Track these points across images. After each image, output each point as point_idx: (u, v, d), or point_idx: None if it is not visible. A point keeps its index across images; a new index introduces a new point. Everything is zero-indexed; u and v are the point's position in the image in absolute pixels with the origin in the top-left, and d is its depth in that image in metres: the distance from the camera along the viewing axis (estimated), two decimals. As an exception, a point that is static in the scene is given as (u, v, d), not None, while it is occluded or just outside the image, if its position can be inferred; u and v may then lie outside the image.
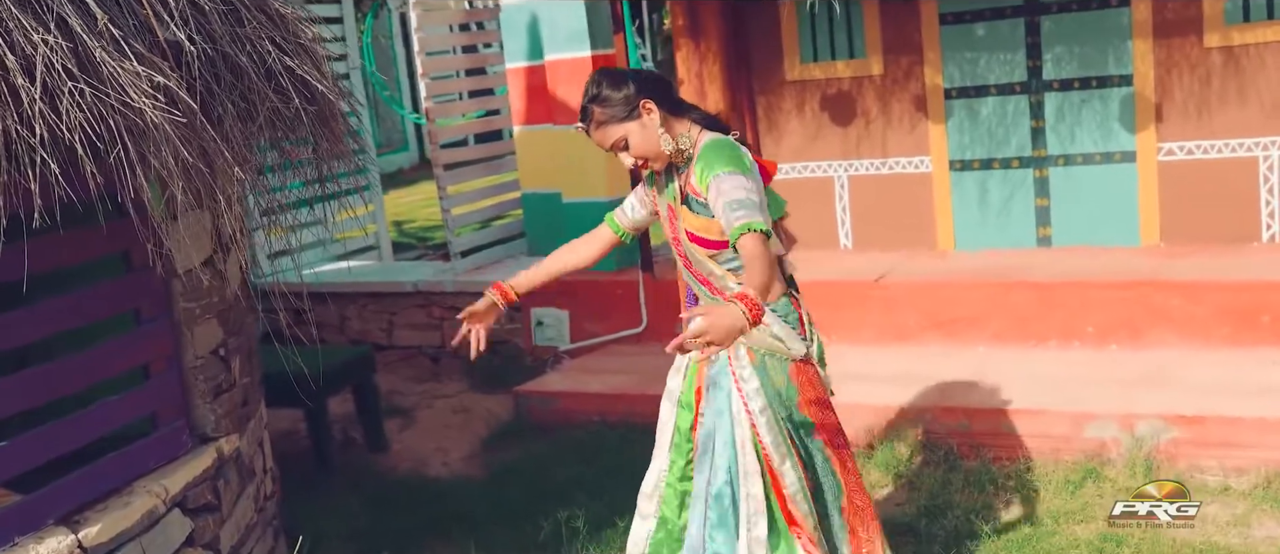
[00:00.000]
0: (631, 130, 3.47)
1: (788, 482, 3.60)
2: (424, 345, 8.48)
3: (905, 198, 7.49)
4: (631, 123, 3.47)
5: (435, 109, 8.30)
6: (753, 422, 3.59)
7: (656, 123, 3.49)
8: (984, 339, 6.53)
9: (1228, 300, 6.01)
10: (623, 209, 3.93)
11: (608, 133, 3.49)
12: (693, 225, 3.55)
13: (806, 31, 7.57)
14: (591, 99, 3.50)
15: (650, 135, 3.49)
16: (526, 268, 4.11)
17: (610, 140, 3.49)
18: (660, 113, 3.50)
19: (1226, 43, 6.55)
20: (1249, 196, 6.64)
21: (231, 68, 3.73)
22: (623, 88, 3.50)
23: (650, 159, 3.53)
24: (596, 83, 3.52)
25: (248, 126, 3.72)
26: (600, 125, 3.49)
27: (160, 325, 3.95)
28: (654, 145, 3.50)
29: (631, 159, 3.52)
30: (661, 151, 3.52)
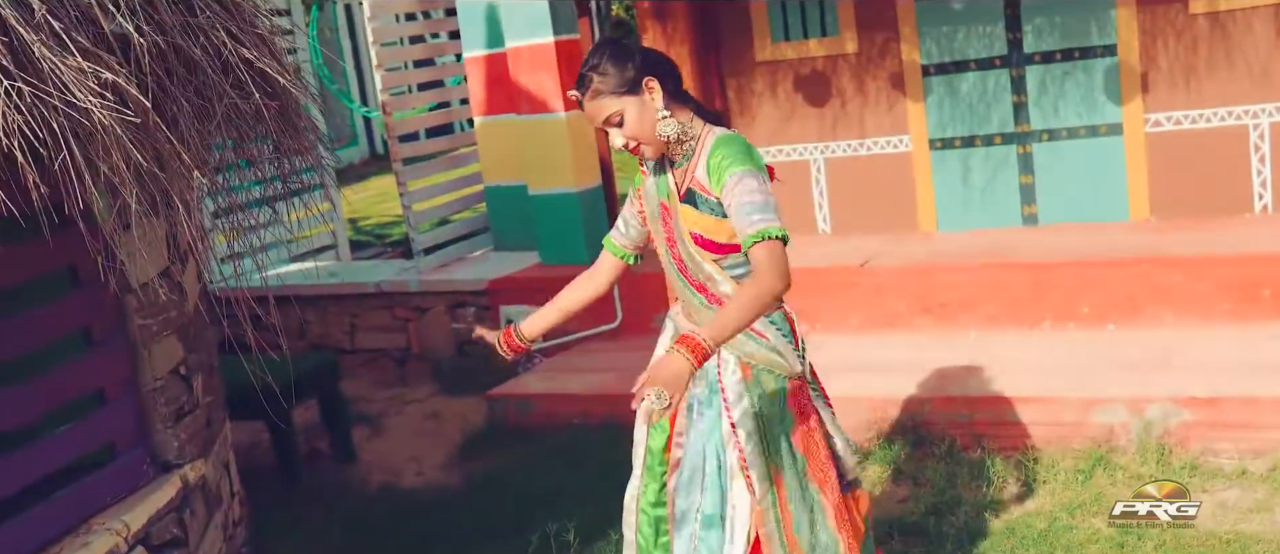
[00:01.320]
0: (629, 106, 3.18)
1: (767, 519, 3.31)
2: (389, 348, 8.15)
3: (885, 179, 7.25)
4: (630, 98, 3.18)
5: (392, 102, 7.95)
6: (739, 446, 3.30)
7: (658, 104, 3.21)
8: (976, 323, 6.30)
9: (1227, 274, 5.82)
10: (617, 229, 3.60)
11: (603, 105, 3.18)
12: (698, 225, 3.26)
13: (777, 10, 7.30)
14: (592, 67, 3.19)
15: (649, 116, 3.20)
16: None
17: (604, 114, 3.18)
18: (663, 95, 3.21)
19: (1212, 8, 6.35)
20: (1239, 166, 6.46)
21: (185, 61, 3.40)
22: (627, 60, 3.21)
23: (643, 141, 3.22)
24: (599, 51, 3.23)
25: (205, 125, 3.40)
26: (597, 95, 3.17)
27: (114, 346, 3.62)
28: (650, 127, 3.21)
29: (623, 138, 3.21)
30: (657, 136, 3.23)
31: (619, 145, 3.23)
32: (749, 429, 3.27)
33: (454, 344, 7.82)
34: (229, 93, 3.49)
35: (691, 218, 3.27)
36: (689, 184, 3.27)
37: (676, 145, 3.26)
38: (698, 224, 3.25)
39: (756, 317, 3.02)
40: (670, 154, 3.30)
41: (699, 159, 3.25)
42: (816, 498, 3.36)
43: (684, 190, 3.29)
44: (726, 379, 3.31)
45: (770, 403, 3.30)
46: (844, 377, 5.30)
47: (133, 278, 3.62)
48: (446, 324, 7.85)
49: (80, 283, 3.51)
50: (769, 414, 3.30)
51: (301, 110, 3.85)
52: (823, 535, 3.35)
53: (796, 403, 3.34)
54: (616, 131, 3.21)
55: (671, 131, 3.21)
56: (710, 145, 3.23)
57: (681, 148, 3.27)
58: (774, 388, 3.30)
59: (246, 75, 3.54)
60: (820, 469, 3.38)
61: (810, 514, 3.35)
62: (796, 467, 3.33)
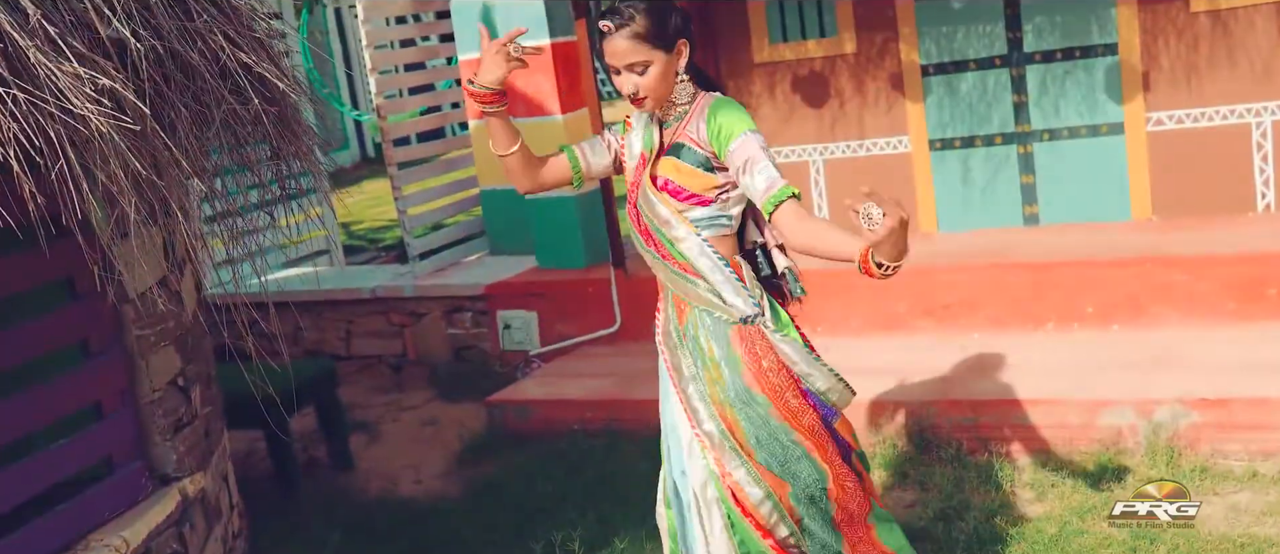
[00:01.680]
0: (657, 60, 3.17)
1: (738, 478, 3.28)
2: (384, 354, 8.07)
3: (884, 180, 7.17)
4: (660, 53, 3.17)
5: (386, 105, 7.88)
6: (682, 400, 3.33)
7: (681, 66, 3.22)
8: (979, 324, 6.25)
9: (1231, 274, 5.78)
10: (583, 146, 3.56)
11: (636, 49, 3.14)
12: (673, 174, 3.27)
13: (774, 11, 7.24)
14: (635, 8, 3.15)
15: (670, 75, 3.22)
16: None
17: (630, 58, 3.15)
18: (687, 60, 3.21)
19: (1214, 6, 6.31)
20: (1242, 165, 6.42)
21: (182, 67, 3.33)
22: (669, 14, 3.20)
23: (652, 97, 3.23)
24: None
25: (203, 131, 3.33)
26: (634, 37, 3.13)
27: (112, 357, 3.55)
28: (668, 87, 3.24)
29: (636, 88, 3.20)
30: (666, 96, 3.26)
31: (629, 92, 3.22)
32: (689, 379, 3.29)
33: (451, 350, 7.75)
34: (227, 98, 3.42)
35: (668, 167, 3.29)
36: (677, 138, 3.29)
37: (671, 106, 3.28)
38: (673, 173, 3.27)
39: (825, 239, 3.05)
40: (662, 113, 3.31)
41: (694, 119, 3.27)
42: (787, 437, 3.31)
43: (669, 144, 3.30)
44: (661, 323, 3.39)
45: (708, 341, 3.26)
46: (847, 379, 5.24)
47: (130, 288, 3.54)
48: (443, 330, 7.78)
49: (77, 294, 3.44)
50: (709, 355, 3.27)
51: (300, 115, 3.79)
52: (803, 471, 3.30)
53: (744, 344, 3.27)
54: (634, 78, 3.18)
55: (684, 96, 3.24)
56: (707, 106, 3.25)
57: (675, 110, 3.30)
58: (713, 329, 3.28)
59: (245, 80, 3.48)
60: (785, 407, 3.31)
61: (783, 451, 3.30)
62: (755, 409, 3.29)
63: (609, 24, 3.15)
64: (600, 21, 3.19)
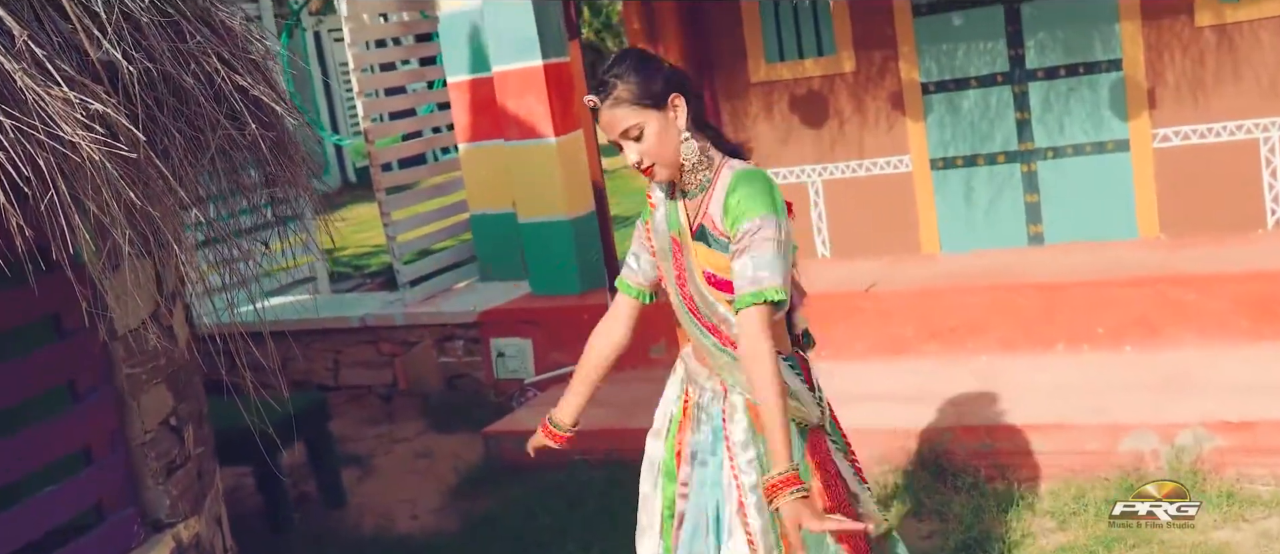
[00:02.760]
0: (651, 121, 2.95)
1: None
2: (374, 384, 7.88)
3: (885, 200, 7.06)
4: (653, 113, 2.95)
5: (374, 129, 7.70)
6: (740, 499, 3.06)
7: (681, 124, 2.99)
8: (988, 347, 6.11)
9: (1245, 292, 5.65)
10: (628, 267, 3.34)
11: (623, 115, 2.94)
12: (711, 263, 3.04)
13: (771, 29, 7.11)
14: (615, 73, 2.96)
15: (670, 137, 2.98)
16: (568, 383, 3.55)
17: (624, 125, 2.95)
18: (687, 116, 3.01)
19: (1219, 21, 6.20)
20: (1251, 181, 6.31)
21: (175, 90, 3.17)
22: (656, 72, 2.99)
23: (660, 162, 2.99)
24: (624, 59, 3.01)
25: (197, 158, 3.16)
26: (619, 103, 2.94)
27: (101, 398, 3.35)
28: (671, 149, 2.99)
29: (638, 155, 2.98)
30: (677, 159, 3.01)
31: (633, 162, 3.01)
32: (754, 481, 3.02)
33: (443, 379, 7.56)
34: (223, 123, 3.26)
35: (704, 255, 3.05)
36: (701, 219, 3.05)
37: (691, 174, 3.05)
38: (710, 262, 3.04)
39: (780, 382, 2.85)
40: (682, 183, 3.09)
41: (713, 193, 3.03)
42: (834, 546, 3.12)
43: (696, 225, 3.07)
44: (732, 426, 3.09)
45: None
46: (855, 406, 5.05)
47: (120, 323, 3.36)
48: (434, 358, 7.60)
49: (63, 331, 3.25)
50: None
51: (296, 140, 3.62)
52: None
53: (814, 454, 3.10)
54: (633, 146, 2.99)
55: (692, 155, 3.01)
56: (728, 181, 3.01)
57: (696, 177, 3.06)
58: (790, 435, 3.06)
59: (241, 104, 3.31)
60: (854, 543, 3.11)
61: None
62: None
63: (593, 98, 2.97)
64: (585, 99, 3.02)
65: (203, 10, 3.36)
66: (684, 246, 3.09)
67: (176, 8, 3.25)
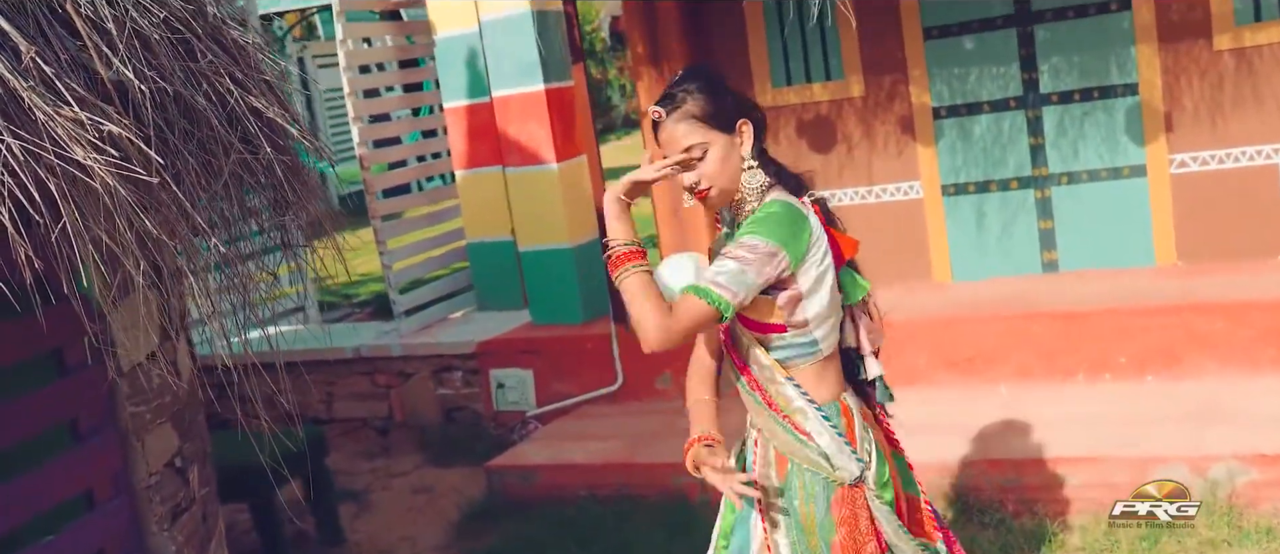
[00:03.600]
0: (717, 142, 2.79)
1: None
2: (370, 417, 7.67)
3: (895, 227, 6.92)
4: (720, 134, 2.79)
5: (369, 155, 7.53)
6: (768, 547, 2.93)
7: (746, 151, 2.84)
8: (1005, 376, 5.95)
9: (1271, 321, 5.52)
10: None
11: (691, 131, 2.78)
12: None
13: (778, 53, 6.98)
14: (686, 87, 2.80)
15: (733, 162, 2.82)
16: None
17: (687, 142, 2.78)
18: (753, 145, 2.85)
19: (1238, 44, 6.09)
20: (1270, 207, 6.18)
21: (186, 112, 2.99)
22: (726, 92, 2.85)
23: (717, 188, 2.82)
24: (695, 74, 2.85)
25: (211, 183, 2.98)
26: (686, 118, 2.78)
27: (104, 439, 3.15)
28: (732, 175, 2.83)
29: (696, 177, 2.81)
30: (735, 186, 2.85)
31: (690, 183, 2.83)
32: (782, 531, 2.89)
33: (441, 411, 7.37)
34: (237, 146, 3.08)
35: None
36: None
37: (745, 206, 2.88)
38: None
39: (633, 312, 2.71)
40: (737, 213, 2.92)
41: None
42: None
43: None
44: (764, 472, 2.94)
45: (809, 504, 2.89)
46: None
47: (124, 360, 3.16)
48: (432, 390, 7.40)
49: (66, 368, 3.05)
50: (807, 518, 2.89)
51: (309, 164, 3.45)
52: None
53: (843, 509, 2.89)
54: (694, 168, 2.82)
55: (754, 186, 2.84)
56: (758, 212, 2.84)
57: (747, 210, 2.88)
58: (814, 490, 2.88)
59: (255, 127, 3.13)
60: None
61: None
62: None
63: (660, 110, 2.80)
64: (651, 109, 2.85)
65: (214, 28, 3.19)
66: None
67: (187, 25, 3.07)
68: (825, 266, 2.87)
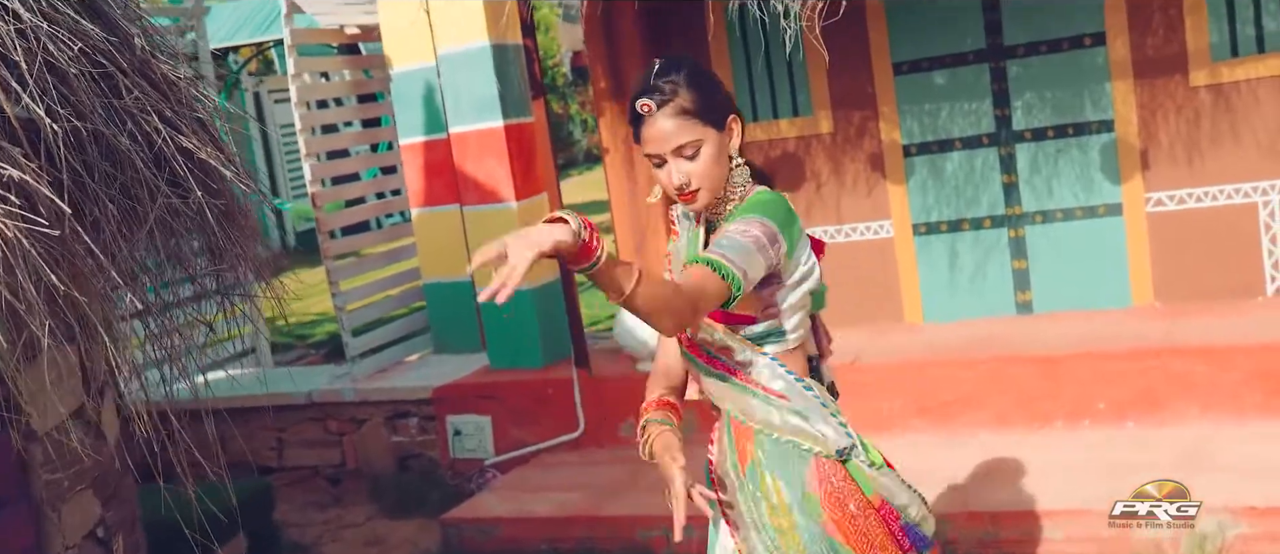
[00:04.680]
0: (710, 140, 2.59)
1: None
2: (321, 465, 7.37)
3: (865, 267, 6.72)
4: (712, 132, 2.60)
5: (322, 194, 7.26)
6: (741, 548, 2.75)
7: (736, 146, 2.66)
8: (981, 423, 5.75)
9: (1255, 364, 5.35)
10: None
11: (683, 128, 2.56)
12: None
13: (743, 89, 6.78)
14: (674, 80, 2.59)
15: (723, 160, 2.64)
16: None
17: (679, 140, 2.56)
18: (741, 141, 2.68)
19: (1215, 80, 5.95)
20: (1249, 246, 6.03)
21: (108, 153, 2.74)
22: (716, 87, 2.67)
23: (706, 187, 2.62)
24: (677, 65, 2.64)
25: (133, 231, 2.73)
26: (681, 113, 2.56)
27: (16, 511, 2.87)
28: (722, 173, 2.64)
29: (685, 177, 2.59)
30: (722, 185, 2.66)
31: (678, 183, 2.60)
32: (751, 529, 2.71)
33: (395, 459, 7.08)
34: (164, 190, 2.83)
35: None
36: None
37: (727, 203, 2.68)
38: None
39: (649, 316, 2.35)
40: (713, 211, 2.72)
41: (731, 217, 2.67)
42: None
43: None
44: (719, 467, 2.76)
45: (777, 488, 2.66)
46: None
47: (38, 423, 2.89)
48: (385, 437, 7.12)
49: (-29, 433, 2.79)
50: (778, 506, 2.67)
51: (251, 208, 3.20)
52: None
53: (823, 484, 2.67)
54: (683, 165, 2.59)
55: (743, 183, 2.67)
56: (749, 200, 2.67)
57: (728, 206, 2.69)
58: (788, 470, 2.66)
59: (184, 168, 2.88)
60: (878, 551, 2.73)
61: None
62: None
63: (649, 102, 2.58)
64: (638, 102, 2.61)
65: (141, 62, 2.94)
66: None
67: (111, 59, 2.83)
68: (810, 265, 2.73)
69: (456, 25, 6.60)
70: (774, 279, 2.62)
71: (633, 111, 2.65)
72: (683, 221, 2.83)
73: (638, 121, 2.62)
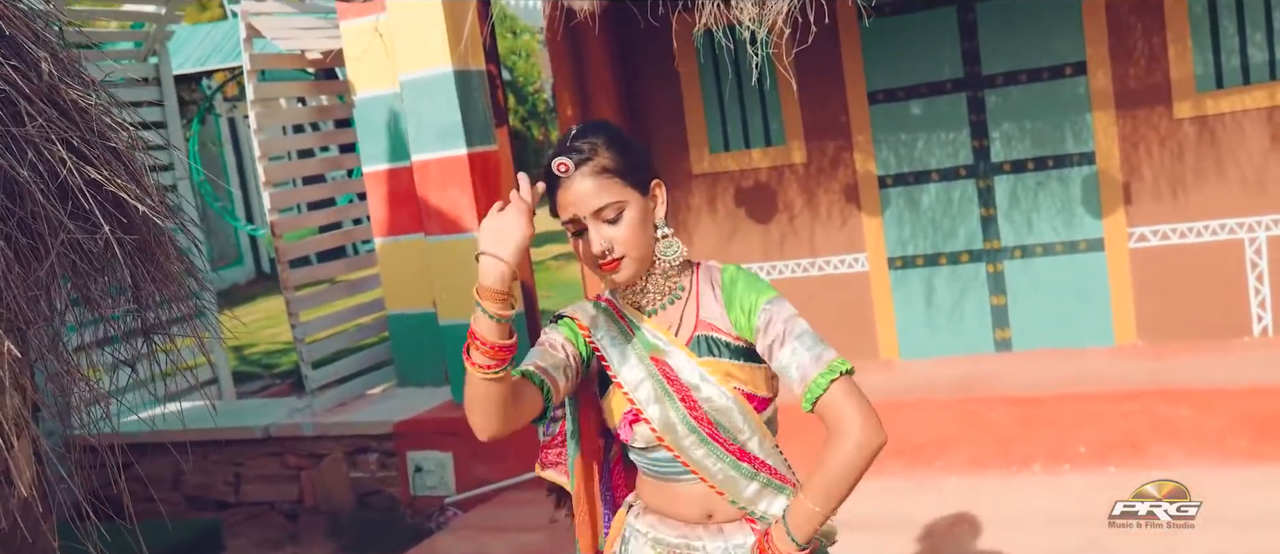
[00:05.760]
0: (634, 203, 2.36)
1: None
2: (278, 501, 7.13)
3: (839, 301, 6.52)
4: (638, 196, 2.37)
5: (282, 222, 7.04)
6: None
7: (661, 215, 2.42)
8: (956, 466, 5.55)
9: (1241, 408, 5.17)
10: (546, 372, 2.45)
11: (604, 189, 2.32)
12: (738, 377, 2.42)
13: (715, 117, 6.59)
14: (592, 140, 2.36)
15: (648, 228, 2.40)
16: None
17: (600, 201, 2.33)
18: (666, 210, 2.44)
19: (1199, 112, 5.79)
20: (1235, 284, 5.86)
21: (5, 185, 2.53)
22: (637, 149, 2.43)
23: (630, 256, 2.37)
24: (598, 129, 2.41)
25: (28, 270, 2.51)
26: (602, 174, 2.33)
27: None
28: (648, 242, 2.40)
29: (607, 244, 2.35)
30: (648, 256, 2.41)
31: (599, 250, 2.35)
32: None
33: (354, 496, 6.85)
34: (67, 225, 2.61)
35: (725, 370, 2.42)
36: (697, 330, 2.44)
37: (662, 280, 2.44)
38: (736, 376, 2.42)
39: (857, 479, 2.35)
40: (641, 293, 2.47)
41: (701, 299, 2.44)
42: None
43: (690, 336, 2.45)
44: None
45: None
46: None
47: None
48: (345, 473, 6.89)
49: None
50: None
51: (169, 242, 2.97)
52: None
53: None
54: (605, 229, 2.35)
55: (673, 257, 2.42)
56: (719, 279, 2.45)
57: (668, 284, 2.45)
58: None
59: (92, 202, 2.67)
60: None
61: None
62: None
63: (566, 161, 2.33)
64: (555, 162, 2.37)
65: (48, 88, 2.72)
66: (677, 367, 2.45)
67: (11, 82, 2.61)
68: None
69: (418, 50, 6.40)
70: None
71: (547, 174, 2.41)
72: (588, 313, 2.52)
73: (553, 185, 2.38)
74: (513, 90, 21.95)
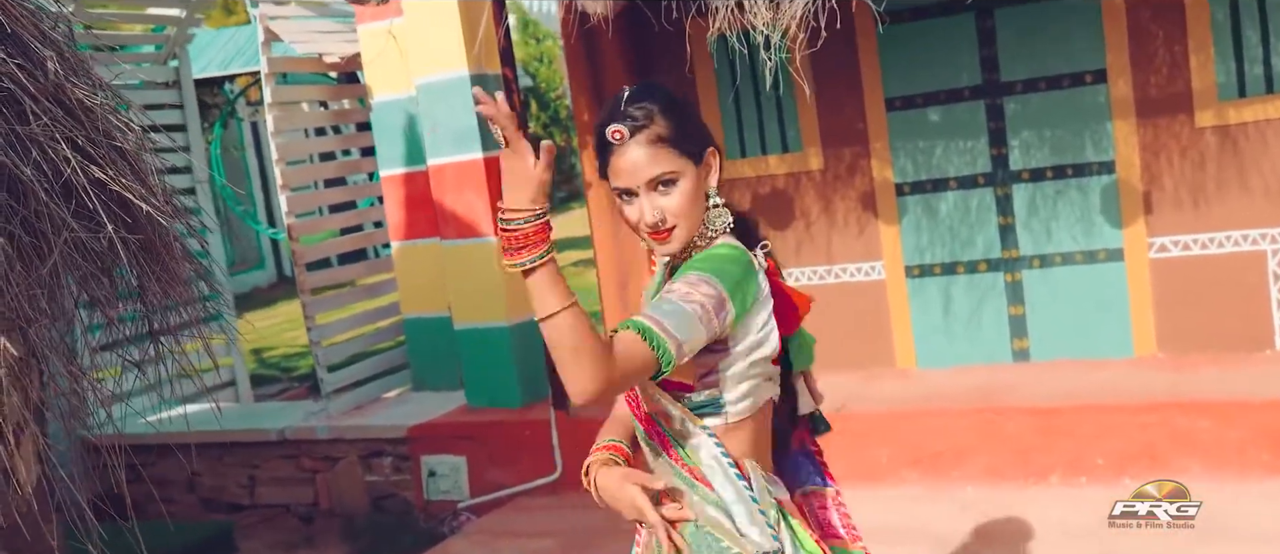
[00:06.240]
0: (688, 173, 2.32)
1: None
2: (293, 503, 7.13)
3: (856, 310, 6.48)
4: (691, 165, 2.33)
5: (299, 225, 7.04)
6: None
7: (713, 184, 2.39)
8: (973, 476, 5.50)
9: (1263, 421, 5.10)
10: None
11: (658, 158, 2.29)
12: None
13: (732, 123, 6.56)
14: (648, 106, 2.32)
15: (701, 196, 2.36)
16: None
17: (656, 170, 2.29)
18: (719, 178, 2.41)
19: (1221, 121, 5.72)
20: (1257, 295, 5.78)
21: (8, 184, 2.52)
22: (695, 116, 2.40)
23: (682, 226, 2.34)
24: (654, 91, 2.36)
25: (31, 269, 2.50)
26: (656, 142, 2.29)
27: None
28: (699, 212, 2.36)
29: (661, 213, 2.32)
30: (697, 225, 2.37)
31: (652, 221, 2.32)
32: None
33: (369, 499, 6.84)
34: (71, 224, 2.60)
35: None
36: None
37: (698, 248, 2.40)
38: None
39: (565, 353, 2.10)
40: (678, 258, 2.44)
41: None
42: None
43: None
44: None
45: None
46: (832, 547, 4.45)
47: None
48: (359, 477, 6.88)
49: None
50: None
51: (175, 242, 2.97)
52: None
53: None
54: (659, 199, 2.31)
55: (721, 226, 2.39)
56: (707, 251, 2.38)
57: (697, 252, 2.41)
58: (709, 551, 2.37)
59: (96, 201, 2.66)
60: None
61: None
62: None
63: (621, 128, 2.29)
64: (608, 129, 2.33)
65: (54, 86, 2.72)
66: None
67: (16, 81, 2.61)
68: (766, 331, 2.37)
69: (434, 54, 6.40)
70: (718, 346, 2.34)
71: (600, 139, 2.37)
72: (661, 259, 2.53)
73: (606, 151, 2.35)
74: (535, 96, 21.97)
